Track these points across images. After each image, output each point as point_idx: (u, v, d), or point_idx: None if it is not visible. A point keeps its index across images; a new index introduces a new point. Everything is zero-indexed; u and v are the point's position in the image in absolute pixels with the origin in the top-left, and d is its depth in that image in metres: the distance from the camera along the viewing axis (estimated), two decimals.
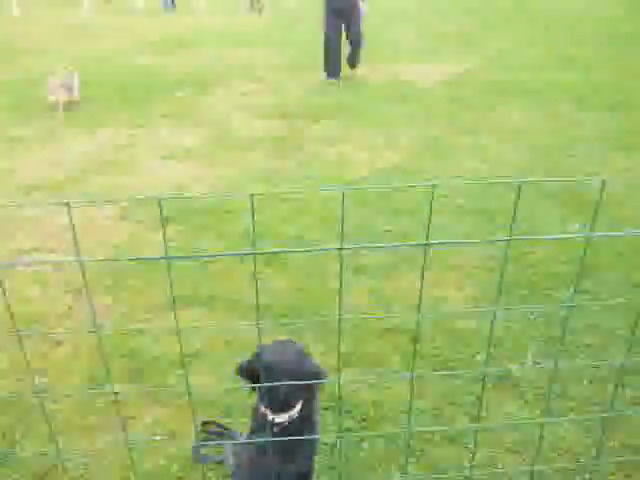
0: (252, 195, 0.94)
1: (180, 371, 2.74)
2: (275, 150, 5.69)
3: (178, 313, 3.19)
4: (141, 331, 3.05)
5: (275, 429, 1.70)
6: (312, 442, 1.80)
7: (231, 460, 2.13)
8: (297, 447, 1.74)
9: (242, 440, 2.00)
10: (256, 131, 6.26)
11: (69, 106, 6.95)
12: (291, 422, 1.71)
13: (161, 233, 4.12)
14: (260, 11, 18.18)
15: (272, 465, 1.66)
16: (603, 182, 0.92)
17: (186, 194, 4.72)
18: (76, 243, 0.99)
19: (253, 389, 1.79)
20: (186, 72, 9.12)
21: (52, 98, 6.85)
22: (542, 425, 1.79)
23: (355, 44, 8.60)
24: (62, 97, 6.84)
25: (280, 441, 1.68)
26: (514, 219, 0.99)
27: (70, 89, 6.96)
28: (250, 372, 1.75)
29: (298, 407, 1.73)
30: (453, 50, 11.10)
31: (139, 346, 2.94)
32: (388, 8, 18.24)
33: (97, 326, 3.13)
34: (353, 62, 8.75)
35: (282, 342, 1.82)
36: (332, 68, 8.51)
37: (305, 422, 1.74)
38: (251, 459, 1.75)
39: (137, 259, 4.27)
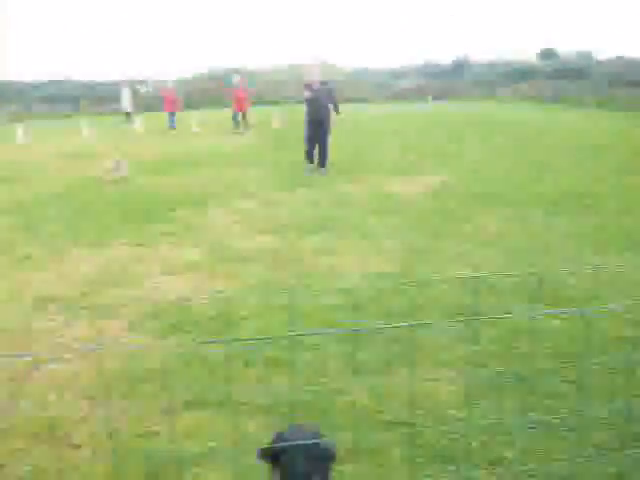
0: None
1: (197, 469, 2.92)
2: (272, 262, 6.06)
3: (189, 415, 3.41)
4: (157, 433, 3.24)
5: None
6: None
7: None
8: None
9: None
10: (254, 245, 6.67)
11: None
12: None
13: (169, 340, 4.39)
14: (242, 133, 19.39)
15: None
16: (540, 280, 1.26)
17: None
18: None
19: (273, 469, 2.01)
20: (183, 192, 9.71)
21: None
22: None
23: (324, 148, 11.40)
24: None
25: None
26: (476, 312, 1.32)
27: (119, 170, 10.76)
28: (270, 457, 1.98)
29: None
30: (431, 164, 11.93)
31: (155, 447, 3.12)
32: (369, 129, 19.54)
33: (113, 430, 3.32)
34: (323, 164, 11.43)
35: (298, 425, 2.07)
36: (309, 160, 11.61)
37: None
38: None
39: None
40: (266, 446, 2.02)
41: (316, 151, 11.50)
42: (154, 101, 31.74)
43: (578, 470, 2.80)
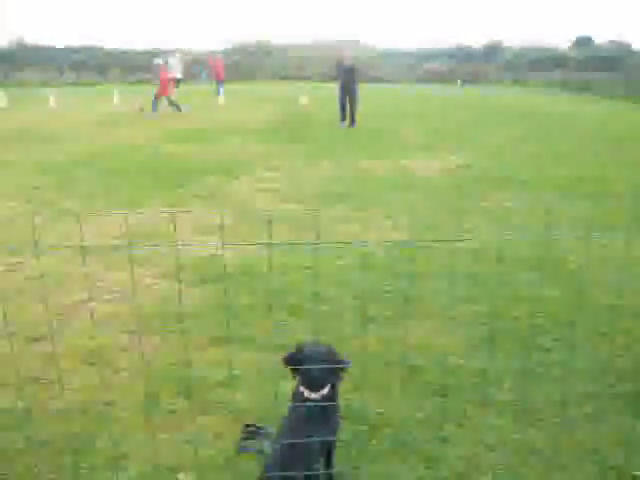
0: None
1: (221, 389, 3.37)
2: (293, 227, 6.48)
3: (216, 350, 3.86)
4: (189, 363, 3.70)
5: (310, 404, 2.34)
6: (335, 416, 2.44)
7: (267, 446, 2.74)
8: (325, 418, 2.37)
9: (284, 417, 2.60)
10: (277, 212, 7.10)
11: None
12: (321, 399, 2.36)
13: (197, 290, 4.84)
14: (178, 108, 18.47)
15: (305, 431, 2.29)
16: None
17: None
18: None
19: (294, 375, 2.45)
20: (210, 160, 10.16)
21: None
22: None
23: (353, 111, 15.26)
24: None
25: (312, 412, 2.32)
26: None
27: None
28: (293, 361, 2.41)
29: (327, 389, 2.39)
30: (454, 145, 12.21)
31: (187, 373, 3.58)
32: (394, 111, 19.74)
33: (150, 358, 3.79)
34: (352, 121, 15.22)
35: (316, 341, 2.50)
36: (342, 117, 15.46)
37: (330, 400, 2.39)
38: (288, 428, 2.38)
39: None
40: (290, 354, 2.45)
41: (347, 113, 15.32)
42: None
43: (558, 411, 3.19)
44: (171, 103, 18.29)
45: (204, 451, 2.89)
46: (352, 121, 15.20)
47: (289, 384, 2.64)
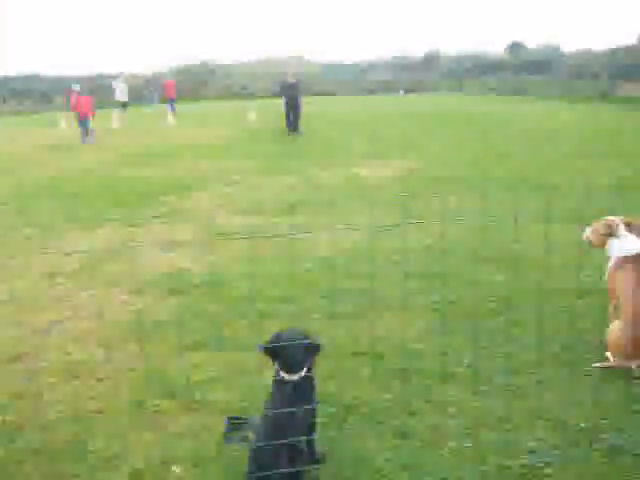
0: None
1: (203, 388, 3.60)
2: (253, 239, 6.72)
3: (193, 353, 4.08)
4: (164, 370, 3.90)
5: (289, 386, 2.61)
6: (313, 395, 2.71)
7: (251, 435, 2.98)
8: (304, 398, 2.64)
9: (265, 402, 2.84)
10: (237, 225, 7.33)
11: None
12: (299, 380, 2.63)
13: (168, 302, 5.03)
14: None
15: (286, 415, 2.55)
16: None
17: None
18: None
19: (273, 361, 2.71)
20: (168, 180, 10.31)
21: None
22: None
23: (296, 119, 16.99)
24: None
25: (292, 393, 2.59)
26: None
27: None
28: (269, 349, 2.67)
29: (304, 371, 2.66)
30: (399, 152, 12.71)
31: (167, 377, 3.79)
32: (340, 122, 20.22)
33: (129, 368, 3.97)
34: (296, 128, 16.90)
35: (291, 327, 2.78)
36: (288, 128, 16.99)
37: (308, 381, 2.66)
38: (271, 409, 2.63)
39: None
40: (266, 343, 2.72)
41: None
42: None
43: (511, 380, 3.54)
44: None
45: (194, 444, 3.11)
46: (295, 127, 16.99)
47: (267, 379, 2.90)
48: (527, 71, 38.76)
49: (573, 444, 2.96)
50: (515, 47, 50.26)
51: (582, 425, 3.09)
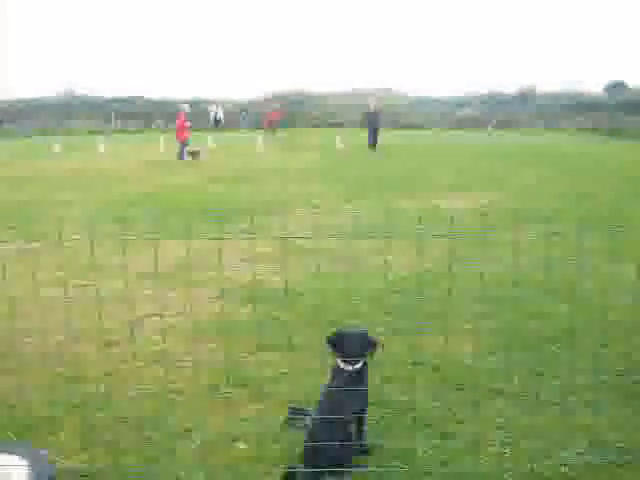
0: None
1: (272, 383, 3.99)
2: (333, 258, 7.11)
3: (265, 353, 4.49)
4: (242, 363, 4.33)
5: (346, 375, 2.96)
6: (365, 386, 3.04)
7: (308, 421, 3.32)
8: (357, 386, 2.97)
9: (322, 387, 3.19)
10: (318, 245, 7.77)
11: None
12: (355, 371, 2.97)
13: (246, 308, 5.50)
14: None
15: (341, 395, 2.89)
16: None
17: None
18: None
19: (335, 351, 3.06)
20: (255, 200, 11.00)
21: None
22: None
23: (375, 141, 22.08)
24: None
25: (348, 381, 2.93)
26: None
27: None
28: (333, 342, 3.04)
29: (361, 363, 3.00)
30: (481, 186, 12.83)
31: (242, 369, 4.22)
32: (425, 155, 20.49)
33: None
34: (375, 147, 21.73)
35: (353, 326, 3.14)
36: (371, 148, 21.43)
37: (362, 373, 3.00)
38: (327, 393, 2.98)
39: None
40: (331, 336, 3.09)
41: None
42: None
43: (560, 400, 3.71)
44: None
45: (259, 427, 3.50)
46: (373, 146, 21.52)
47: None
48: (626, 111, 37.44)
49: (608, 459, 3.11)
50: (615, 86, 48.67)
51: (621, 445, 3.22)
